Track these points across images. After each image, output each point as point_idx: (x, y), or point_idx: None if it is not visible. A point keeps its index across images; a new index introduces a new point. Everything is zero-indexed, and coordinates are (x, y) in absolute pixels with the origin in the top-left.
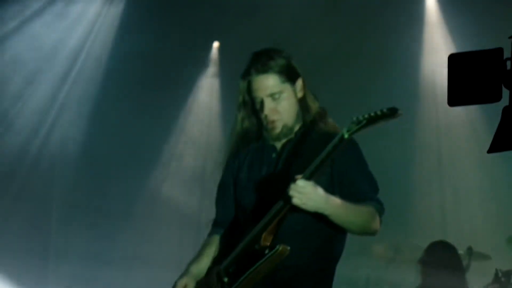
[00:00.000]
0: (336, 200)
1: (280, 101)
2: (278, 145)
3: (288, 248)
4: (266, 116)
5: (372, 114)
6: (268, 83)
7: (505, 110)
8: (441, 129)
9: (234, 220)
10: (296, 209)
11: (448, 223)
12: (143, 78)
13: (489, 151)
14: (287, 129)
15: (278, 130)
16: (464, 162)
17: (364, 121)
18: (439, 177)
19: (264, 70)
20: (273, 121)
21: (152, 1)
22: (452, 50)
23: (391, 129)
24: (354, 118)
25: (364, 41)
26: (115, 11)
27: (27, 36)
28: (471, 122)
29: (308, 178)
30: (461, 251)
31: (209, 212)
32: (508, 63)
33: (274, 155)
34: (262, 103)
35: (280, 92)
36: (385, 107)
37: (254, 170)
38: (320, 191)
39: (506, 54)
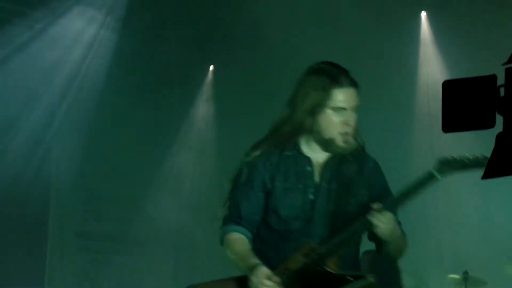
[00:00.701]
0: (398, 229)
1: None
2: (315, 158)
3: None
4: (343, 127)
5: (467, 160)
6: (357, 97)
7: (499, 136)
8: (435, 151)
9: (262, 223)
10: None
11: (444, 247)
12: (139, 102)
13: (483, 177)
14: (349, 146)
15: (346, 144)
16: (459, 186)
17: (459, 167)
18: (434, 200)
19: (355, 83)
20: (346, 134)
21: (147, 25)
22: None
23: (388, 155)
24: (448, 158)
25: (360, 62)
26: (111, 36)
27: (23, 60)
28: (466, 148)
29: (389, 209)
30: (457, 276)
31: (205, 234)
32: (502, 89)
33: (308, 168)
34: (344, 114)
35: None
36: (480, 154)
37: (291, 181)
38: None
39: (500, 81)
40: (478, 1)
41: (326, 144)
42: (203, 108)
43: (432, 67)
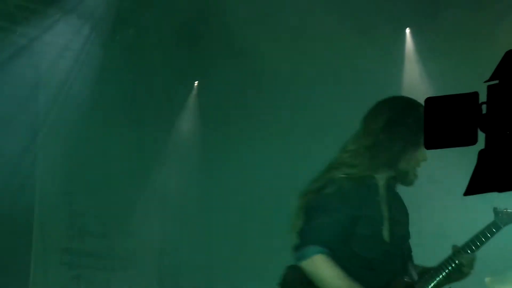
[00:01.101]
0: None
1: None
2: (379, 188)
3: None
4: (418, 164)
5: None
6: None
7: (481, 153)
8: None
9: (345, 248)
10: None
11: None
12: (123, 117)
13: (465, 194)
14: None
15: (415, 177)
16: (444, 201)
17: None
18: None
19: None
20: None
21: (131, 41)
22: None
23: None
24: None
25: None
26: (96, 51)
27: (9, 73)
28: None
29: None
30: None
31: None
32: (484, 107)
33: (377, 197)
34: (424, 151)
35: None
36: None
37: (374, 209)
38: None
39: (482, 98)
40: (461, 19)
41: (399, 175)
42: (188, 123)
43: (416, 83)
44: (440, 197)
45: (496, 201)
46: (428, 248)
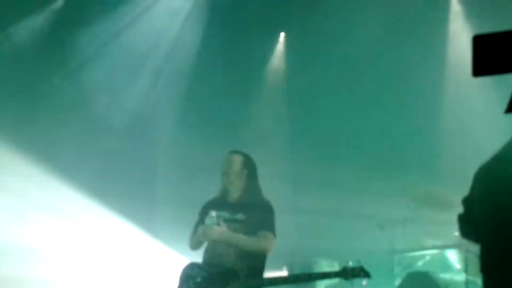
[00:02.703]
0: None
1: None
2: None
3: None
4: None
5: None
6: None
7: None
8: (462, 99)
9: None
10: None
11: (469, 172)
12: (227, 62)
13: (506, 112)
14: None
15: None
16: (483, 122)
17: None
18: (462, 134)
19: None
20: None
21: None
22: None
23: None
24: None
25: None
26: (201, 10)
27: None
28: (487, 92)
29: None
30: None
31: None
32: None
33: None
34: None
35: None
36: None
37: None
38: None
39: None
40: None
41: None
42: (275, 66)
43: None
44: None
45: None
46: None
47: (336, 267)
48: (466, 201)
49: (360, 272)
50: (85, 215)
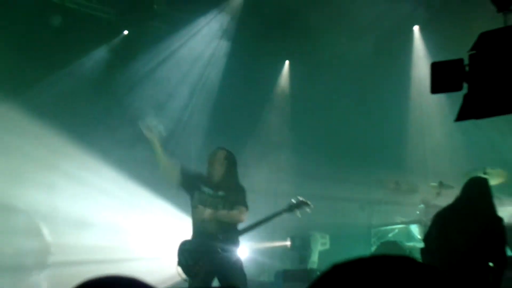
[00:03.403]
0: None
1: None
2: None
3: None
4: None
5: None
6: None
7: (466, 97)
8: (423, 109)
9: None
10: None
11: (429, 165)
12: (243, 83)
13: (455, 120)
14: None
15: None
16: (438, 127)
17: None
18: (422, 136)
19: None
20: None
21: (246, 36)
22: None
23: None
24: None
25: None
26: (222, 51)
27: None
28: (441, 105)
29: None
30: (435, 183)
31: None
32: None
33: None
34: None
35: None
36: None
37: None
38: None
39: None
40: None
41: None
42: (281, 87)
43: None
44: None
45: None
46: None
47: (327, 239)
48: (426, 239)
49: (300, 204)
50: (135, 198)
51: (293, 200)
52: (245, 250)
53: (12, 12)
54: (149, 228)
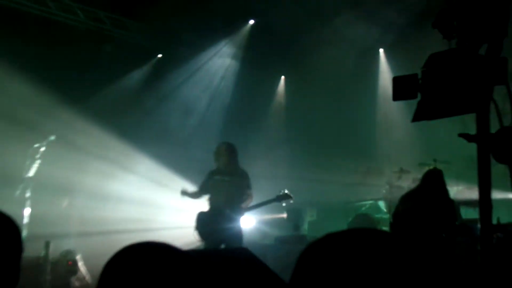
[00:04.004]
0: None
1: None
2: None
3: None
4: None
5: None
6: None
7: (419, 103)
8: (387, 111)
9: None
10: None
11: (392, 155)
12: (246, 96)
13: (412, 121)
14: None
15: None
16: (400, 125)
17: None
18: (388, 132)
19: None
20: None
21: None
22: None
23: (367, 115)
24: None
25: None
26: (233, 69)
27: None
28: (402, 108)
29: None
30: (397, 169)
31: None
32: (420, 81)
33: None
34: None
35: None
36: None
37: None
38: None
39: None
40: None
41: None
42: (278, 100)
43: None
44: None
45: None
46: None
47: (314, 212)
48: (394, 215)
49: (285, 197)
50: (163, 179)
51: (280, 193)
52: (251, 221)
53: (76, 42)
54: (173, 203)
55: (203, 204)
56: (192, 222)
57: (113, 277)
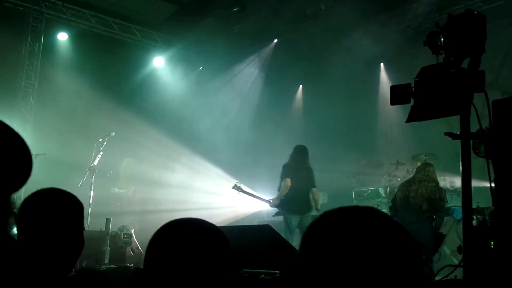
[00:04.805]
0: None
1: None
2: None
3: None
4: None
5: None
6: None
7: (412, 107)
8: (386, 114)
9: None
10: None
11: (389, 149)
12: (268, 104)
13: (406, 121)
14: None
15: None
16: (396, 125)
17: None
18: (386, 132)
19: None
20: None
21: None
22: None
23: (367, 111)
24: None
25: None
26: (261, 78)
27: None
28: (398, 111)
29: None
30: (394, 162)
31: None
32: (413, 89)
33: None
34: None
35: None
36: None
37: None
38: None
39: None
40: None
41: None
42: (296, 106)
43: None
44: None
45: None
46: None
47: (326, 196)
48: (393, 200)
49: (238, 187)
50: (199, 167)
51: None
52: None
53: (133, 57)
54: (207, 187)
55: (233, 192)
56: (224, 203)
57: (157, 247)
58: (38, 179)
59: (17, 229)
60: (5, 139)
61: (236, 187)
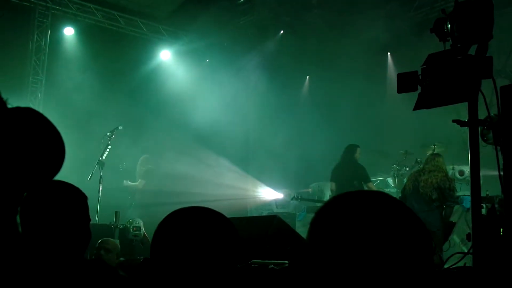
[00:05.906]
0: None
1: None
2: None
3: None
4: None
5: None
6: None
7: (419, 95)
8: (393, 104)
9: None
10: None
11: (398, 139)
12: (276, 95)
13: (414, 109)
14: None
15: None
16: (404, 116)
17: None
18: (394, 119)
19: None
20: None
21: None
22: None
23: (375, 99)
24: None
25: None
26: (269, 69)
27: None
28: (405, 100)
29: None
30: (403, 151)
31: None
32: (420, 76)
33: None
34: None
35: None
36: None
37: None
38: None
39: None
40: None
41: None
42: (304, 95)
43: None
44: None
45: None
46: None
47: (334, 186)
48: (403, 190)
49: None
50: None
51: None
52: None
53: (140, 50)
54: (215, 179)
55: (246, 180)
56: (233, 195)
57: (163, 235)
58: None
59: (20, 222)
60: (41, 130)
61: (295, 198)
